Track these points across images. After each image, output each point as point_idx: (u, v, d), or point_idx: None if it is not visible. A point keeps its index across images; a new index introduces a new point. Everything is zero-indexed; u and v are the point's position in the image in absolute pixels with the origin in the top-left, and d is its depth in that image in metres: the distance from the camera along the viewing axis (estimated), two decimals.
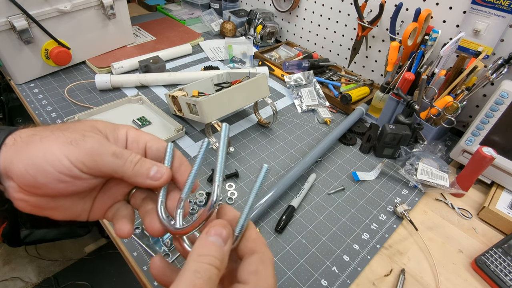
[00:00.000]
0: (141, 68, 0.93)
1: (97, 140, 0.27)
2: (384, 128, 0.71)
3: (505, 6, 0.66)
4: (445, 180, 0.66)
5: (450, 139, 0.83)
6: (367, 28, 0.87)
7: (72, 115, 0.72)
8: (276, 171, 0.69)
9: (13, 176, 0.26)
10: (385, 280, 0.52)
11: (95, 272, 1.37)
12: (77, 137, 0.26)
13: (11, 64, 0.81)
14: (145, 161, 0.29)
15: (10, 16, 0.74)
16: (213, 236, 0.24)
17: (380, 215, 0.62)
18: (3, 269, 1.36)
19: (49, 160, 0.25)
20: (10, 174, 0.26)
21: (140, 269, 0.50)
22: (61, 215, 0.29)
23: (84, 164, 0.26)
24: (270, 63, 1.03)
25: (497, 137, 0.65)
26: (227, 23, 1.18)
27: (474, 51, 0.73)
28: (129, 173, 0.28)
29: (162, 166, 0.29)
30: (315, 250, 0.55)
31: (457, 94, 0.71)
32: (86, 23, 0.89)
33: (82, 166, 0.26)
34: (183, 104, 0.70)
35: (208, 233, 0.24)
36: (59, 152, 0.25)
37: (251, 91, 0.71)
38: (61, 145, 0.26)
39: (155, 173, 0.28)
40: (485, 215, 0.63)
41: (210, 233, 0.24)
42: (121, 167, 0.27)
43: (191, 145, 0.73)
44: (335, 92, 0.91)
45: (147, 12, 1.38)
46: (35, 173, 0.25)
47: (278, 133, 0.79)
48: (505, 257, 0.54)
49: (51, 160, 0.25)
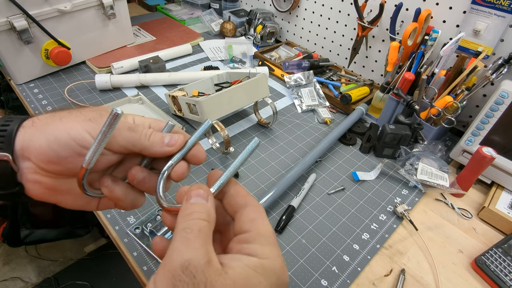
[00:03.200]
0: (141, 68, 0.93)
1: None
2: (384, 128, 0.71)
3: (505, 6, 0.66)
4: (445, 180, 0.66)
5: (450, 139, 0.83)
6: (367, 28, 0.87)
7: None
8: (276, 171, 0.69)
9: (32, 155, 0.26)
10: (385, 280, 0.52)
11: (95, 272, 1.37)
12: (95, 115, 0.28)
13: (11, 64, 0.81)
14: (157, 132, 0.31)
15: (10, 16, 0.74)
16: (193, 198, 0.25)
17: (380, 215, 0.62)
18: (3, 269, 1.36)
19: (72, 134, 0.26)
20: (28, 153, 0.26)
21: (140, 269, 0.50)
22: (71, 201, 0.30)
23: None
24: (270, 63, 1.03)
25: (497, 137, 0.65)
26: (227, 23, 1.18)
27: (474, 51, 0.73)
28: (146, 144, 0.29)
29: (174, 134, 0.31)
30: (315, 250, 0.55)
31: (457, 94, 0.71)
32: (86, 23, 0.89)
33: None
34: (183, 104, 0.70)
35: (187, 198, 0.25)
36: (81, 128, 0.27)
37: (251, 91, 0.71)
38: (82, 122, 0.27)
39: (169, 140, 0.30)
40: (485, 215, 0.63)
41: (190, 196, 0.25)
42: (138, 139, 0.29)
43: None
44: (335, 92, 0.91)
45: (147, 12, 1.38)
46: (58, 147, 0.26)
47: (278, 133, 0.79)
48: (505, 257, 0.54)
49: (73, 134, 0.27)
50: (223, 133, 0.65)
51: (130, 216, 0.57)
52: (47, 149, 0.26)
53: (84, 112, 0.28)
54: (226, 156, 0.71)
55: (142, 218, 0.56)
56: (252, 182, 0.66)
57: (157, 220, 0.54)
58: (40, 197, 0.28)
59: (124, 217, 0.56)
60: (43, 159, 0.26)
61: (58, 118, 0.28)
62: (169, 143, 0.30)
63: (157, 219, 0.55)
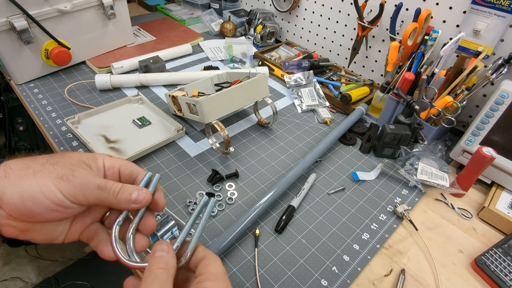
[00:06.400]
0: (141, 68, 0.93)
1: (84, 175, 0.31)
2: (384, 128, 0.71)
3: (505, 6, 0.66)
4: (445, 180, 0.66)
5: (450, 139, 0.83)
6: (367, 28, 0.87)
7: (72, 115, 0.72)
8: (276, 171, 0.69)
9: (4, 205, 0.28)
10: (385, 280, 0.52)
11: (95, 272, 1.37)
12: (67, 172, 0.30)
13: (11, 64, 0.81)
14: (126, 188, 0.33)
15: (10, 16, 0.74)
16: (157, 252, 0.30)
17: (380, 215, 0.62)
18: (3, 269, 1.36)
19: (45, 193, 0.28)
20: (1, 203, 0.28)
21: None
22: (41, 237, 0.32)
23: (74, 197, 0.30)
24: (270, 63, 1.03)
25: (497, 137, 0.65)
26: (227, 23, 1.18)
27: (474, 51, 0.73)
28: (113, 201, 0.32)
29: (142, 190, 0.33)
30: (315, 250, 0.55)
31: (457, 94, 0.71)
32: (86, 23, 0.89)
33: (73, 198, 0.30)
34: (183, 104, 0.70)
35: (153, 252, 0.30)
36: (53, 187, 0.29)
37: (251, 91, 0.71)
38: (54, 180, 0.29)
39: (136, 197, 0.32)
40: (485, 215, 0.63)
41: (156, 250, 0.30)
42: (106, 197, 0.31)
43: (191, 145, 0.73)
44: (335, 92, 0.91)
45: (147, 12, 1.38)
46: (31, 204, 0.28)
47: (278, 133, 0.79)
48: (505, 257, 0.54)
49: (47, 193, 0.28)
50: (223, 133, 0.65)
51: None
52: (21, 205, 0.28)
53: (57, 167, 0.30)
54: (226, 156, 0.71)
55: None
56: (252, 182, 0.66)
57: (157, 220, 0.54)
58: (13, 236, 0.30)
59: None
60: (16, 212, 0.28)
61: (31, 172, 0.29)
62: (136, 200, 0.32)
63: (157, 219, 0.55)
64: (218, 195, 0.62)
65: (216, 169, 0.66)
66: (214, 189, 0.63)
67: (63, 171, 0.30)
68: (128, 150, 0.68)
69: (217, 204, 0.61)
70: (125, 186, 0.33)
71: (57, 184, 0.29)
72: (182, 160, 0.69)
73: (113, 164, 0.34)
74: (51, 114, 0.77)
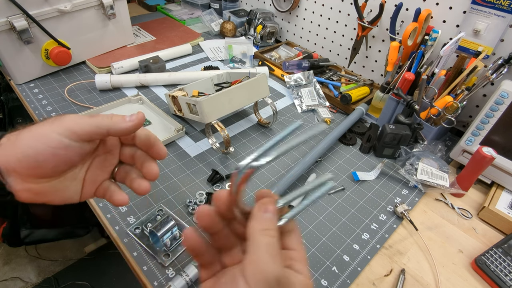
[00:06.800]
0: (141, 68, 0.93)
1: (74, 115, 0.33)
2: (384, 128, 0.71)
3: (505, 6, 0.66)
4: (445, 180, 0.66)
5: (450, 139, 0.83)
6: (367, 28, 0.87)
7: None
8: (276, 171, 0.69)
9: (14, 167, 0.30)
10: (385, 280, 0.52)
11: (95, 272, 1.37)
12: (58, 117, 0.32)
13: (11, 64, 0.81)
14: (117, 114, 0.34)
15: (10, 16, 0.74)
16: (268, 213, 0.27)
17: (380, 215, 0.62)
18: (3, 269, 1.36)
19: (41, 139, 0.30)
20: (11, 167, 0.30)
21: (140, 269, 0.50)
22: (58, 199, 0.34)
23: (70, 130, 0.31)
24: (270, 63, 1.03)
25: (497, 137, 0.65)
26: (227, 23, 1.18)
27: (474, 51, 0.73)
28: (109, 122, 0.33)
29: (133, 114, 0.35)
30: (315, 250, 0.55)
31: (457, 94, 0.71)
32: (86, 23, 0.89)
33: (69, 133, 0.31)
34: (183, 104, 0.70)
35: (265, 209, 0.27)
36: (47, 130, 0.31)
37: (251, 91, 0.71)
38: (47, 125, 0.31)
39: (130, 117, 0.34)
40: (485, 215, 0.63)
41: (268, 210, 0.27)
42: (101, 121, 0.33)
43: (191, 145, 0.73)
44: (335, 92, 0.91)
45: (147, 12, 1.38)
46: (33, 153, 0.30)
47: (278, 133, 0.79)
48: (505, 257, 0.54)
49: (42, 139, 0.30)
50: (223, 133, 0.65)
51: (130, 216, 0.57)
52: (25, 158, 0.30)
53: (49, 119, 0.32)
54: (226, 156, 0.71)
55: (142, 218, 0.56)
56: (252, 182, 0.66)
57: (157, 220, 0.54)
58: (30, 201, 0.32)
59: (124, 217, 0.56)
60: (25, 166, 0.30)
61: (27, 129, 0.31)
62: (130, 119, 0.34)
63: (157, 219, 0.55)
64: None
65: (216, 169, 0.66)
66: (214, 189, 0.63)
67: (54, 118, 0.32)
68: None
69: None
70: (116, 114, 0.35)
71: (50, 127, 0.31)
72: (182, 160, 0.69)
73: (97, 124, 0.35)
74: (51, 114, 0.77)
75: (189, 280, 0.46)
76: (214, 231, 0.29)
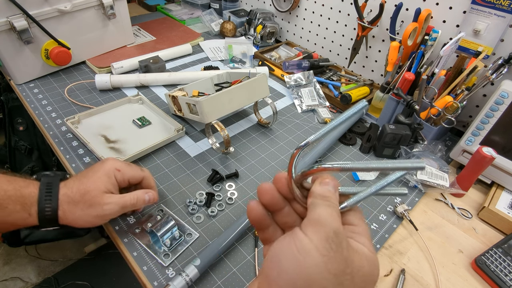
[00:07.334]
0: (141, 68, 0.93)
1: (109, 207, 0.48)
2: (384, 128, 0.71)
3: (505, 6, 0.66)
4: (445, 180, 0.66)
5: (450, 139, 0.83)
6: (367, 28, 0.87)
7: (72, 115, 0.72)
8: (276, 171, 0.69)
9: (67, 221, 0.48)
10: (385, 280, 0.52)
11: (95, 272, 1.37)
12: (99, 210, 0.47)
13: (11, 64, 0.81)
14: (139, 195, 0.51)
15: (10, 16, 0.74)
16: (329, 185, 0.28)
17: (380, 215, 0.62)
18: (3, 269, 1.36)
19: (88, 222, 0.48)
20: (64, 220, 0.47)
21: (140, 269, 0.50)
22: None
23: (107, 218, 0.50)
24: (270, 63, 1.03)
25: (497, 137, 0.65)
26: (227, 23, 1.18)
27: (474, 51, 0.73)
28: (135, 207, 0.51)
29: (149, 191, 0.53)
30: None
31: (457, 94, 0.71)
32: (86, 23, 0.89)
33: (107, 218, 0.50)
34: (183, 104, 0.70)
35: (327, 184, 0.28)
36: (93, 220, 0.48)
37: (251, 91, 0.71)
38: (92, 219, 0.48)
39: (149, 198, 0.52)
40: (485, 215, 0.63)
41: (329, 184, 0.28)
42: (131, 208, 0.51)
43: (191, 145, 0.73)
44: (335, 92, 0.91)
45: (147, 12, 1.38)
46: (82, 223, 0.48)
47: (278, 133, 0.79)
48: (505, 257, 0.54)
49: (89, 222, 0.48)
50: (223, 133, 0.65)
51: (130, 216, 0.57)
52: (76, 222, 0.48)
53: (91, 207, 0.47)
54: (226, 156, 0.71)
55: (142, 218, 0.56)
56: (252, 182, 0.66)
57: (157, 220, 0.54)
58: None
59: (124, 217, 0.56)
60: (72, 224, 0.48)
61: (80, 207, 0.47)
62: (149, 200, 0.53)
63: (157, 219, 0.55)
64: (218, 195, 0.62)
65: (216, 169, 0.66)
66: (214, 189, 0.63)
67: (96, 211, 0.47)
68: (128, 150, 0.68)
69: (218, 204, 0.61)
70: (138, 194, 0.51)
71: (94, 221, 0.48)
72: (182, 160, 0.69)
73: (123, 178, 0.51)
74: (51, 114, 0.77)
75: (189, 280, 0.46)
76: (275, 209, 0.30)
